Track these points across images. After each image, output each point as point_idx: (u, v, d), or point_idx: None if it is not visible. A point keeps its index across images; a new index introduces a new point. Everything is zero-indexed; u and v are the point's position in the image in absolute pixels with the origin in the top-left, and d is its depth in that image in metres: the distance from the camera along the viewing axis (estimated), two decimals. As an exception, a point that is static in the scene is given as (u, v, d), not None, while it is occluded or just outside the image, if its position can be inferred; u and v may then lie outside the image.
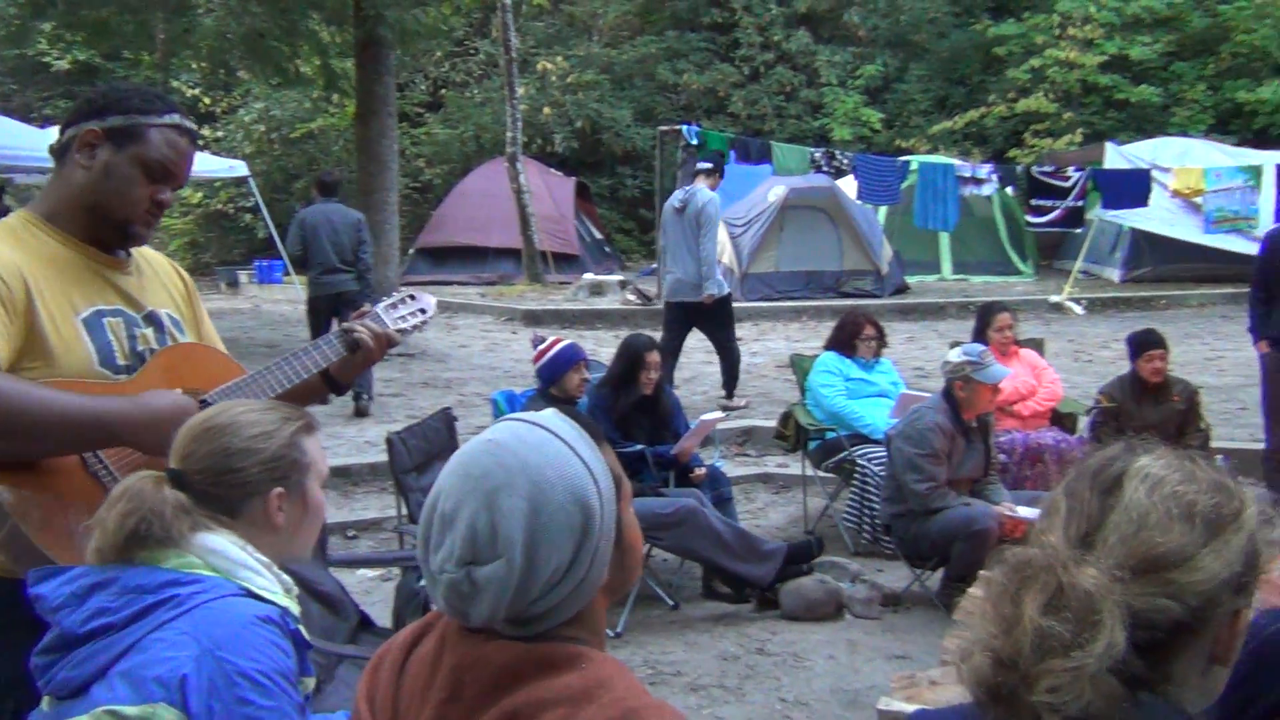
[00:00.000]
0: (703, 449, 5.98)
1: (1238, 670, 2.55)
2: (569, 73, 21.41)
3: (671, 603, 5.12)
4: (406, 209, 17.59)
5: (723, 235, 14.88)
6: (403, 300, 2.50)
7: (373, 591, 5.22)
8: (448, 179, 20.67)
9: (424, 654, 1.35)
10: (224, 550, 1.70)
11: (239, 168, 14.96)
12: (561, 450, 1.29)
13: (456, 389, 9.61)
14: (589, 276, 15.61)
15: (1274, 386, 5.88)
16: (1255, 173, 14.12)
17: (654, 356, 5.41)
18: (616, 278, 15.85)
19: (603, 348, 9.98)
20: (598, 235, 19.13)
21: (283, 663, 1.63)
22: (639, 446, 5.28)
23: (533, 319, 13.70)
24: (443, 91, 22.95)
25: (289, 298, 14.60)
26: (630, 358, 5.43)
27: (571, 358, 5.18)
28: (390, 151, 11.55)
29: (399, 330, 2.42)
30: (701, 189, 8.46)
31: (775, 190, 14.92)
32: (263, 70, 12.33)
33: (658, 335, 9.57)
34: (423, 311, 2.50)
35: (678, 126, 13.67)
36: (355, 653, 3.26)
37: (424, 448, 4.76)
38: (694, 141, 12.88)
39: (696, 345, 12.16)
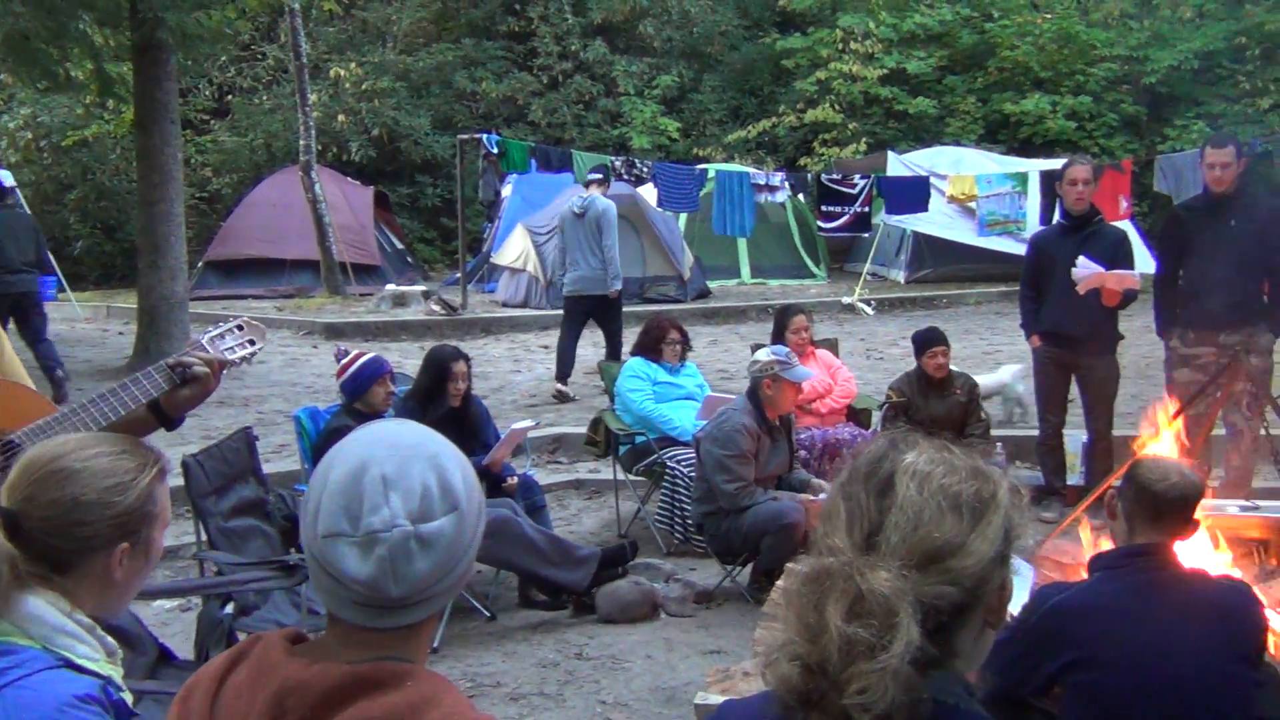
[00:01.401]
0: (514, 458, 5.96)
1: (1023, 641, 2.75)
2: (363, 79, 20.90)
3: (488, 614, 5.08)
4: (194, 220, 16.76)
5: (526, 243, 14.91)
6: (230, 330, 2.38)
7: (171, 623, 4.96)
8: (237, 188, 19.78)
9: (239, 682, 1.30)
10: (44, 616, 1.53)
11: (5, 178, 13.90)
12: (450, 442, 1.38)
13: (255, 407, 9.23)
14: (391, 288, 15.29)
15: (1044, 378, 6.33)
16: (1022, 179, 15.14)
17: (460, 367, 5.36)
18: (420, 288, 15.58)
19: (408, 359, 9.80)
20: (399, 245, 18.73)
21: None
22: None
23: (334, 332, 13.29)
24: (229, 98, 21.98)
25: (64, 315, 13.67)
26: (436, 370, 5.36)
27: (376, 371, 5.07)
28: (174, 160, 10.96)
29: (227, 362, 2.31)
30: (597, 196, 9.29)
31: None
32: (29, 74, 11.48)
33: (463, 346, 9.41)
34: (251, 343, 2.38)
35: (477, 135, 13.58)
36: (155, 688, 3.08)
37: (222, 470, 4.54)
38: (494, 150, 12.82)
39: (503, 355, 12.12)
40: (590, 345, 12.51)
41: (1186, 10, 22.46)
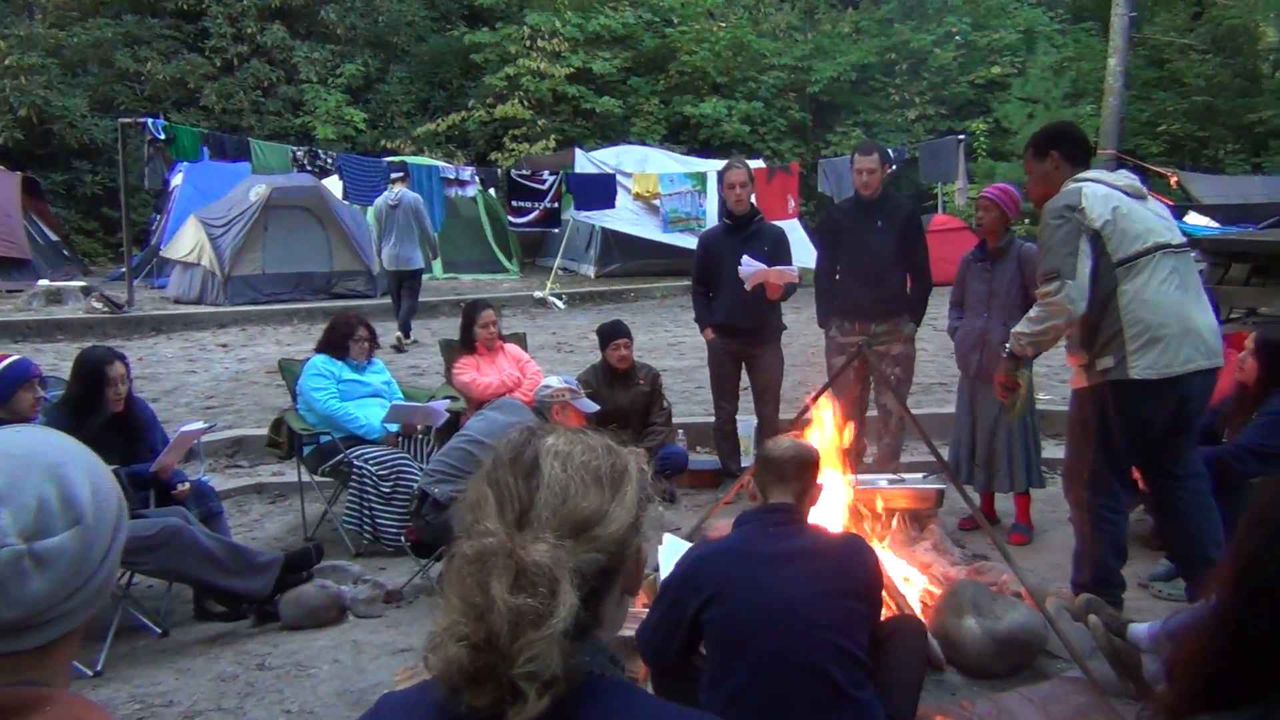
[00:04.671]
0: (187, 463, 5.62)
1: (674, 588, 3.09)
2: (6, 54, 18.87)
3: (159, 630, 4.77)
4: None
5: (200, 236, 14.06)
6: None
7: None
8: None
9: None
10: None
11: None
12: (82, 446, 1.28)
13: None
14: (44, 283, 13.97)
15: (717, 368, 6.70)
16: (701, 179, 15.95)
17: (117, 369, 4.98)
18: (79, 284, 14.33)
19: (64, 362, 8.99)
20: (53, 237, 17.06)
21: None
22: (112, 467, 4.83)
23: (-24, 333, 11.98)
24: None
25: None
26: (89, 374, 4.95)
27: (20, 375, 4.62)
28: None
29: None
30: (405, 190, 11.83)
31: (257, 189, 14.31)
32: None
33: (131, 346, 8.78)
34: None
35: (142, 119, 12.66)
36: None
37: None
38: (160, 136, 12.01)
39: (177, 355, 11.38)
40: (273, 344, 12.01)
41: (845, 25, 24.43)
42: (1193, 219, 15.42)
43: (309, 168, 13.11)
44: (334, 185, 14.14)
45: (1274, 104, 24.10)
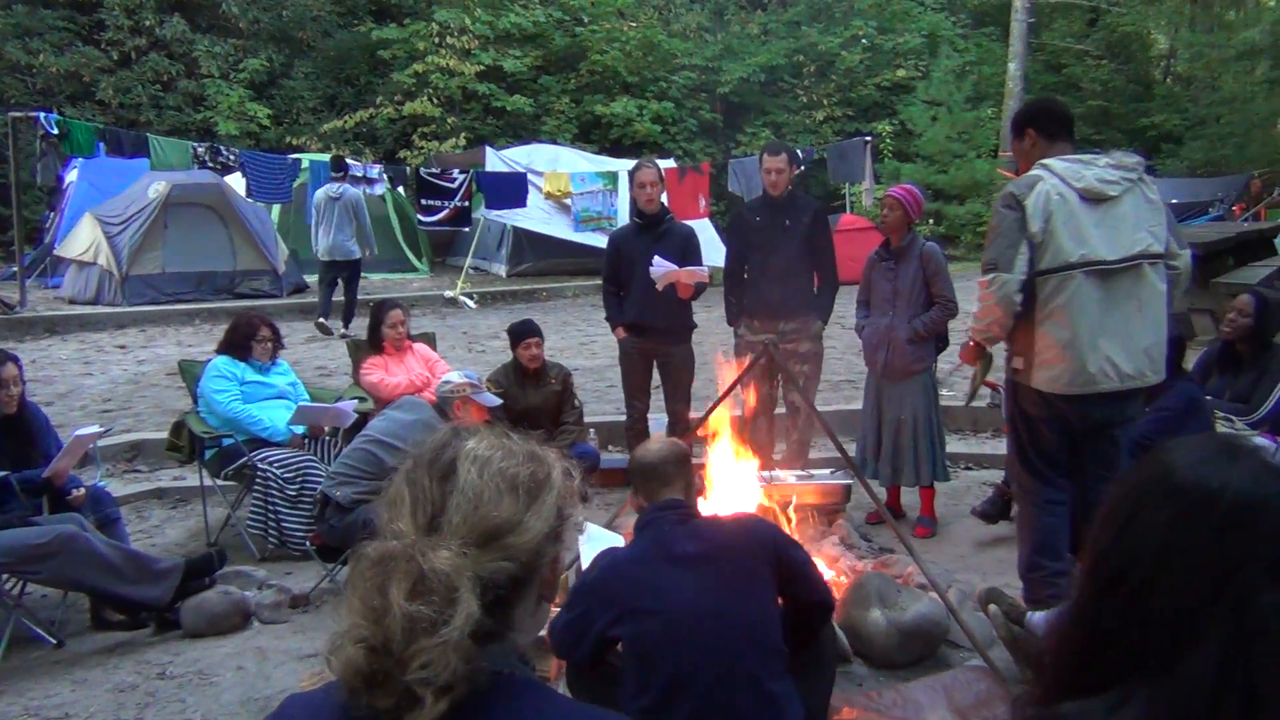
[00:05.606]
0: (82, 469, 5.45)
1: (584, 599, 3.06)
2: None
3: (54, 641, 4.61)
4: None
5: (97, 234, 13.62)
6: None
7: None
8: None
9: None
10: None
11: None
12: None
13: None
14: (-71, 283, 13.41)
15: (628, 366, 6.72)
16: (612, 178, 15.97)
17: (8, 371, 4.81)
18: (-34, 284, 13.81)
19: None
20: (-63, 235, 16.44)
21: None
22: (3, 474, 4.68)
23: None
24: None
25: None
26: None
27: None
28: None
29: None
30: (347, 185, 12.30)
31: (156, 186, 13.92)
32: None
33: (23, 347, 8.48)
34: None
35: (33, 113, 12.22)
36: None
37: None
38: (53, 130, 11.62)
39: (72, 356, 11.01)
40: (173, 345, 11.71)
41: (754, 27, 24.68)
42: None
43: (210, 164, 12.79)
44: (237, 183, 13.82)
45: (1165, 109, 25.04)
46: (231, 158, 12.91)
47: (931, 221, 20.43)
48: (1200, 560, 1.15)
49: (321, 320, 12.12)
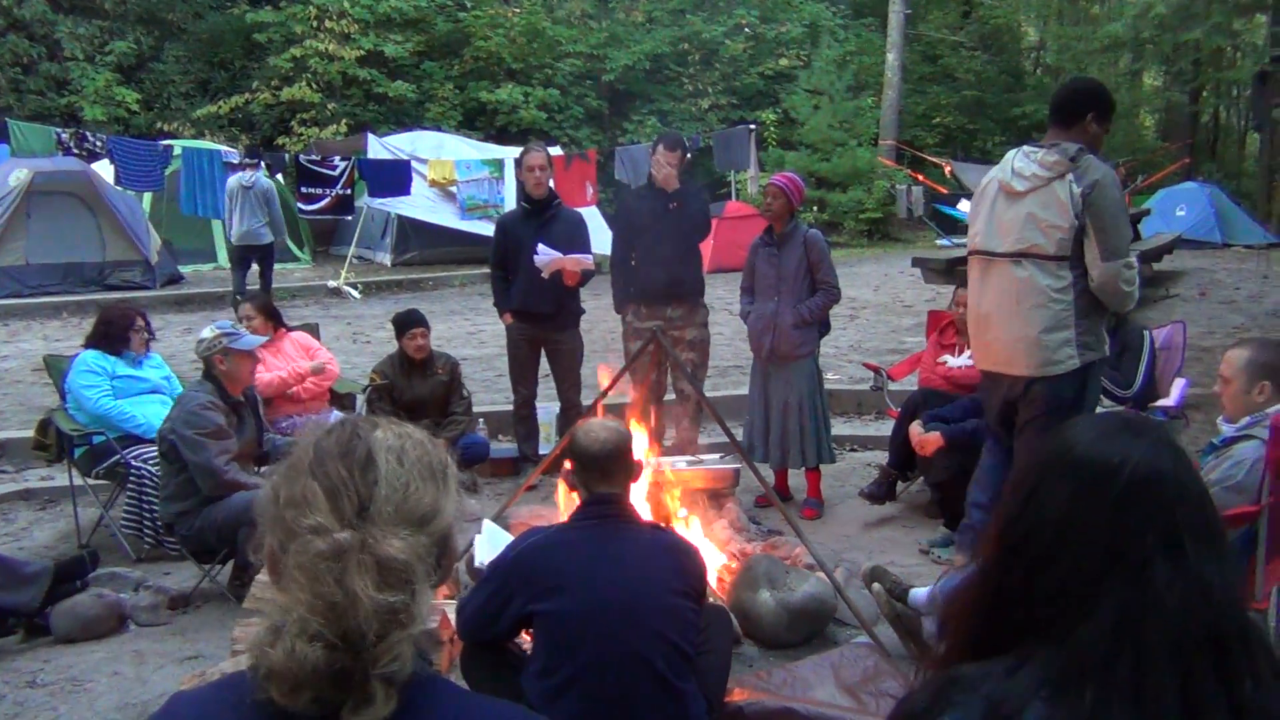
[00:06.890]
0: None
1: (498, 578, 3.07)
2: None
3: (-89, 653, 4.38)
4: None
5: (-47, 224, 12.95)
6: None
7: None
8: None
9: None
10: None
11: None
12: None
13: None
14: None
15: (515, 352, 6.68)
16: (499, 165, 15.81)
17: None
18: None
19: None
20: None
21: None
22: None
23: None
24: None
25: None
26: None
27: None
28: None
29: None
30: (260, 175, 12.28)
31: (17, 174, 13.29)
32: None
33: None
34: None
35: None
36: None
37: None
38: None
39: (-73, 353, 10.44)
40: (39, 339, 11.22)
41: (639, 14, 24.69)
42: (964, 206, 16.40)
43: (76, 151, 12.24)
44: (105, 170, 13.27)
45: (1035, 99, 25.90)
46: (99, 144, 12.38)
47: (815, 209, 20.79)
48: (1098, 532, 1.21)
49: (239, 298, 11.80)
